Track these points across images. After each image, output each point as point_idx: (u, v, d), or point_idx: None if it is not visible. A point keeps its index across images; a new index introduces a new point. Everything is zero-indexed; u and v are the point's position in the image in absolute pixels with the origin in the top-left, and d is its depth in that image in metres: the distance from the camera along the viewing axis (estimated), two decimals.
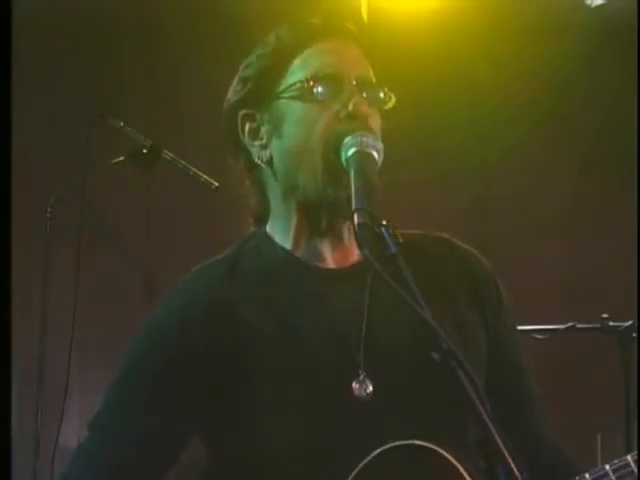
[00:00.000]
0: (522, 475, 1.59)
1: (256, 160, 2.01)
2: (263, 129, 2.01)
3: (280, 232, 2.03)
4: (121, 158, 4.06)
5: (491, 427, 1.60)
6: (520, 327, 3.74)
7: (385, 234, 1.72)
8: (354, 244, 1.94)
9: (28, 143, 4.39)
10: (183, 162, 4.03)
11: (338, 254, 2.01)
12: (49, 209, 4.14)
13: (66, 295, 4.17)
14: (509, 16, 5.00)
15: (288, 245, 2.01)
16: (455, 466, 1.84)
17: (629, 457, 1.89)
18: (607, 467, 1.89)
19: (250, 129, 2.02)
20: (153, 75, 4.94)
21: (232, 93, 2.06)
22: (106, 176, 4.29)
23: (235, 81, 2.06)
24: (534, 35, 4.98)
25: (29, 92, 4.36)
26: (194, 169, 4.00)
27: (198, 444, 2.04)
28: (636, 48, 4.66)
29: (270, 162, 2.00)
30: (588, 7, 5.07)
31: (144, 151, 4.01)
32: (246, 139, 2.03)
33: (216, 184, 3.91)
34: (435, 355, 1.65)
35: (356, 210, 1.74)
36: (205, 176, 3.97)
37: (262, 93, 2.00)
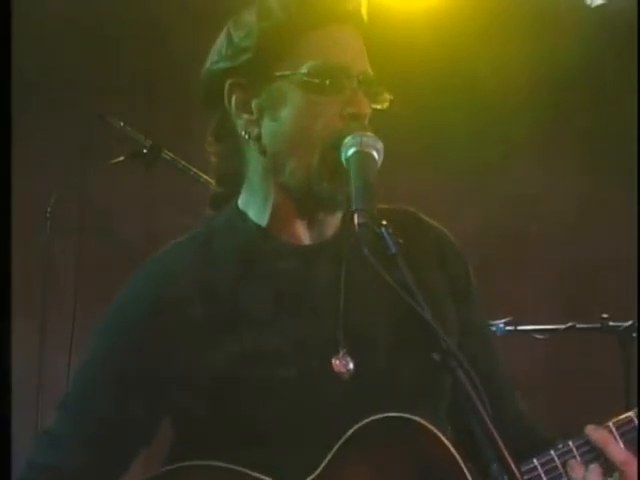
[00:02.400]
0: (522, 475, 1.59)
1: (242, 133, 1.96)
2: (254, 103, 1.95)
3: (255, 208, 2.00)
4: (121, 158, 4.05)
5: (491, 427, 1.61)
6: (520, 327, 3.78)
7: (385, 234, 1.71)
8: (328, 221, 1.97)
9: (28, 143, 4.39)
10: (183, 162, 4.02)
11: (314, 231, 1.99)
12: (49, 209, 4.13)
13: (66, 295, 4.17)
14: (508, 15, 5.00)
15: (263, 222, 1.98)
16: (439, 438, 1.84)
17: (631, 413, 1.90)
18: (610, 423, 1.90)
19: (238, 100, 1.96)
20: (153, 75, 4.94)
21: (220, 57, 1.97)
22: (106, 176, 4.29)
23: (224, 42, 1.98)
24: (534, 35, 4.98)
25: (29, 92, 4.36)
26: (194, 169, 4.00)
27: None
28: (636, 48, 4.67)
29: (258, 138, 1.95)
30: (588, 7, 5.07)
31: (144, 151, 4.00)
32: (232, 109, 1.97)
33: None
34: (435, 355, 1.65)
35: (356, 210, 1.73)
36: (205, 176, 3.95)
37: (260, 69, 1.93)
